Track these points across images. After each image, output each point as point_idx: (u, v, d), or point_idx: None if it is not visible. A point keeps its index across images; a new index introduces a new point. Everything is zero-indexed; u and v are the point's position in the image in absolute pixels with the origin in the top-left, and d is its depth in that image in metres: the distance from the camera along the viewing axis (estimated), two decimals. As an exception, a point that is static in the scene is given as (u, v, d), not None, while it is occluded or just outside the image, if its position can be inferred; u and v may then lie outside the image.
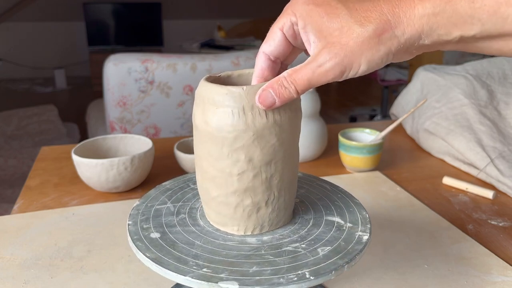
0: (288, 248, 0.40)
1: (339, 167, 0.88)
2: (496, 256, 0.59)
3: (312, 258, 0.38)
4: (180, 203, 0.46)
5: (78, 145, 0.77)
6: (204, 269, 0.36)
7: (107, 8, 4.54)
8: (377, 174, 0.84)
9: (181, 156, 0.79)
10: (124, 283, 0.53)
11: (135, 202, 0.48)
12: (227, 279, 0.35)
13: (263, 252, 0.39)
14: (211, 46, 3.45)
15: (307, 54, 0.38)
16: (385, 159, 0.92)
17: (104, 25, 4.56)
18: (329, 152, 0.95)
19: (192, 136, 0.91)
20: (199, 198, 0.47)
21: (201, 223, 0.43)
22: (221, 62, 1.62)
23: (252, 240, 0.41)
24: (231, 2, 4.85)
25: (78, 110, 3.47)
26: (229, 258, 0.38)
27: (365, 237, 0.42)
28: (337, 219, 0.45)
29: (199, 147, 0.42)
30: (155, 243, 0.39)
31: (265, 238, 0.42)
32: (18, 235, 0.63)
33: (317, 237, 0.42)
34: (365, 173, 0.85)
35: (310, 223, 0.44)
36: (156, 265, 0.36)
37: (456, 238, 0.63)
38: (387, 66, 3.33)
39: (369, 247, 0.50)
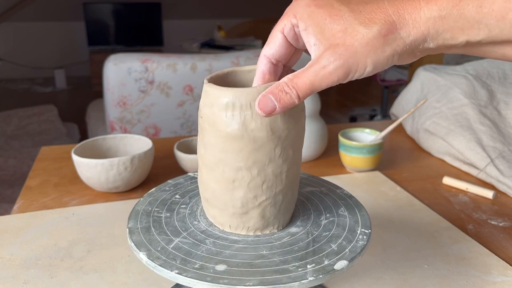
0: (324, 221, 0.44)
1: (339, 167, 0.88)
2: (496, 256, 0.59)
3: (348, 219, 0.44)
4: (183, 235, 0.41)
5: (78, 145, 0.77)
6: (309, 266, 0.37)
7: (107, 8, 4.55)
8: (377, 174, 0.84)
9: (181, 156, 0.79)
10: (124, 283, 0.53)
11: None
12: (334, 263, 0.37)
13: (316, 233, 0.42)
14: (211, 46, 3.45)
15: (309, 54, 0.38)
16: (385, 159, 0.92)
17: (104, 25, 4.57)
18: (329, 152, 0.95)
19: (192, 136, 0.91)
20: (190, 223, 0.43)
21: (234, 237, 0.41)
22: (221, 62, 1.62)
23: (294, 229, 0.43)
24: (231, 2, 4.85)
25: (78, 110, 3.47)
26: (305, 249, 0.39)
27: (347, 192, 0.49)
28: (311, 188, 0.50)
29: (239, 159, 0.39)
30: (233, 273, 0.36)
31: (298, 223, 0.44)
32: (18, 235, 0.63)
33: (324, 206, 0.47)
34: (365, 173, 0.85)
35: (303, 199, 0.48)
36: (273, 285, 0.35)
37: (456, 238, 0.63)
38: (387, 66, 3.32)
39: (369, 247, 0.50)
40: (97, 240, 0.62)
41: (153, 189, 0.49)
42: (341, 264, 0.37)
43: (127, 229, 0.41)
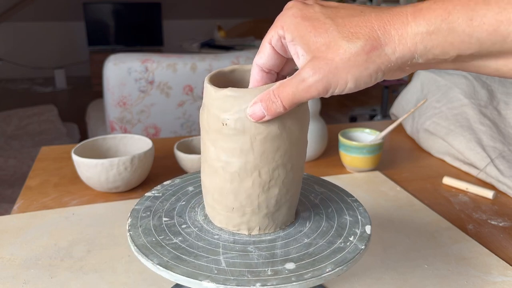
0: (316, 201, 0.47)
1: (339, 167, 0.88)
2: (496, 256, 0.59)
3: (331, 193, 0.47)
4: (221, 252, 0.39)
5: (78, 145, 0.77)
6: (350, 238, 0.40)
7: (107, 8, 4.55)
8: (377, 174, 0.84)
9: (181, 156, 0.79)
10: (124, 283, 0.53)
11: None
12: (363, 230, 0.42)
13: (323, 212, 0.45)
14: (211, 46, 3.45)
15: (297, 68, 0.38)
16: (385, 159, 0.92)
17: (104, 25, 4.57)
18: (329, 152, 0.95)
19: (192, 136, 0.91)
20: (212, 238, 0.41)
21: (267, 237, 0.41)
22: (221, 62, 1.62)
23: (304, 214, 0.45)
24: (231, 2, 4.85)
25: (78, 110, 3.47)
26: (332, 227, 0.43)
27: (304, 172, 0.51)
28: None
29: (277, 157, 0.39)
30: (305, 266, 0.37)
31: (300, 208, 0.46)
32: (18, 235, 0.63)
33: (302, 188, 0.49)
34: (365, 173, 0.85)
35: None
36: (346, 264, 0.37)
37: (456, 238, 0.63)
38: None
39: (369, 247, 0.50)
40: (97, 240, 0.62)
41: (130, 219, 0.43)
42: (369, 229, 0.42)
43: (158, 267, 0.36)
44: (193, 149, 0.85)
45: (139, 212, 0.45)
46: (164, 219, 0.44)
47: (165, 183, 0.51)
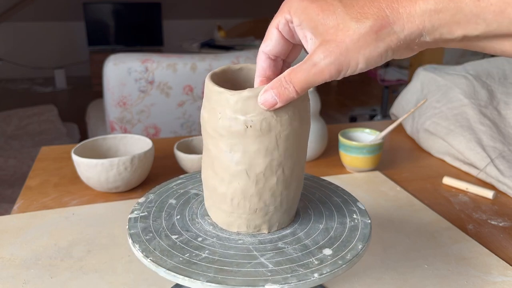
0: (304, 192, 0.49)
1: (339, 167, 0.88)
2: (496, 256, 0.59)
3: (312, 183, 0.49)
4: (257, 254, 0.38)
5: (78, 145, 0.77)
6: (355, 216, 0.44)
7: (107, 8, 4.55)
8: (377, 174, 0.84)
9: (181, 156, 0.79)
10: (124, 283, 0.53)
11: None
12: (361, 205, 0.45)
13: (314, 199, 0.47)
14: (211, 46, 3.45)
15: (306, 52, 0.38)
16: (385, 159, 0.92)
17: (104, 25, 4.57)
18: (329, 152, 0.95)
19: (192, 136, 0.91)
20: (236, 243, 0.40)
21: (287, 231, 0.42)
22: (221, 62, 1.62)
23: (300, 204, 0.46)
24: (231, 2, 4.85)
25: (78, 110, 3.47)
26: (333, 210, 0.45)
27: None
28: None
29: (295, 152, 0.39)
30: (341, 248, 0.39)
31: (299, 204, 0.47)
32: (18, 235, 0.63)
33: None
34: (365, 173, 0.85)
35: None
36: (368, 241, 0.39)
37: (456, 238, 0.63)
38: (387, 65, 3.33)
39: (369, 247, 0.51)
40: (97, 240, 0.62)
41: (138, 245, 0.40)
42: (361, 204, 0.46)
43: (209, 284, 0.35)
44: (193, 149, 0.85)
45: (140, 236, 0.41)
46: (173, 236, 0.41)
47: (140, 200, 0.47)
